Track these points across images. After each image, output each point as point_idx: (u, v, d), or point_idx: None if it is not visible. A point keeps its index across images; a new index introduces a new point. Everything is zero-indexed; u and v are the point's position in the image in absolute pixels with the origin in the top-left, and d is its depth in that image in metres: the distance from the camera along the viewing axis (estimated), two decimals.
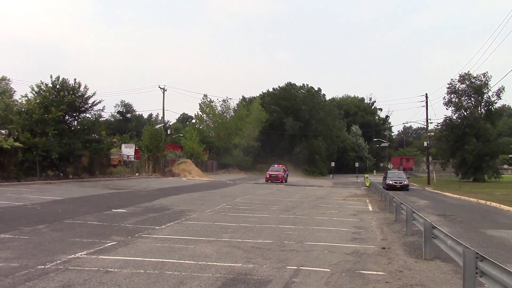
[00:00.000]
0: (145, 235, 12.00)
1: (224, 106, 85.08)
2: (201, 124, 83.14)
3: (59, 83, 34.75)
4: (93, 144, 36.49)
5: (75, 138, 33.93)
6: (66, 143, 32.93)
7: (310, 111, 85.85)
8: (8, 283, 7.00)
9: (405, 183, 40.31)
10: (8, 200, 18.45)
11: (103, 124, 39.68)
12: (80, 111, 36.13)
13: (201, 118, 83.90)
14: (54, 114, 32.18)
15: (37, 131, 31.39)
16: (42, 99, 33.22)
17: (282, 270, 8.59)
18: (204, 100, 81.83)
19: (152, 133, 52.70)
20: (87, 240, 10.88)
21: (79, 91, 35.45)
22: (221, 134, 79.06)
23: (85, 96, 35.82)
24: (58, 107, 32.83)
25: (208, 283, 7.47)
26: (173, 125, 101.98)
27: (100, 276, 7.64)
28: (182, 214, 17.18)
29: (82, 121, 36.51)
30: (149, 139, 51.72)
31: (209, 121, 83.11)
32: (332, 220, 17.00)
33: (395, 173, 44.83)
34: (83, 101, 35.79)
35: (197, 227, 13.87)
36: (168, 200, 22.52)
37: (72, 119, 36.15)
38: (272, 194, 31.08)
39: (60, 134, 33.12)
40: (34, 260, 8.56)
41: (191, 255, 9.65)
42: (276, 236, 12.72)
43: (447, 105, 59.09)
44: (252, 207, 21.27)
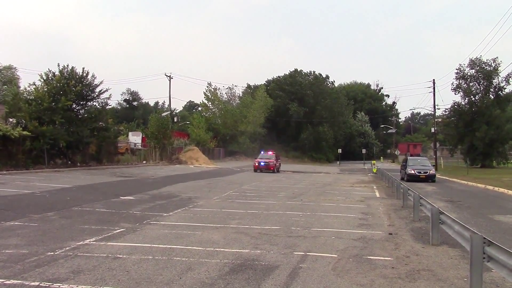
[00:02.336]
0: (153, 222, 12.08)
1: (230, 93, 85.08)
2: (207, 112, 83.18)
3: (67, 71, 34.80)
4: (101, 132, 36.62)
5: (82, 126, 34.06)
6: (73, 131, 33.06)
7: (315, 97, 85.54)
8: (18, 269, 7.07)
9: (431, 173, 33.17)
10: (17, 188, 18.60)
11: (109, 112, 39.77)
12: (88, 99, 36.21)
13: (206, 106, 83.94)
14: (63, 103, 32.27)
15: (45, 119, 31.50)
16: (51, 88, 33.28)
17: (290, 256, 8.64)
18: (208, 88, 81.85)
19: (158, 121, 52.85)
20: (95, 227, 10.97)
21: (87, 80, 35.50)
22: (227, 122, 79.10)
23: (93, 85, 35.91)
24: (66, 96, 32.91)
25: (216, 269, 7.52)
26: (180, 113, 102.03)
27: (109, 262, 7.72)
28: (190, 201, 17.27)
29: (89, 109, 36.61)
30: (155, 126, 51.86)
31: (215, 108, 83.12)
32: (339, 207, 17.03)
33: (417, 160, 35.97)
34: (91, 90, 35.87)
35: (204, 214, 13.94)
36: (176, 188, 22.61)
37: (79, 108, 36.26)
38: (279, 181, 31.14)
39: (67, 122, 33.25)
40: (44, 247, 8.64)
41: (198, 241, 9.71)
42: (283, 222, 12.77)
43: (455, 91, 58.64)
44: (259, 194, 21.34)
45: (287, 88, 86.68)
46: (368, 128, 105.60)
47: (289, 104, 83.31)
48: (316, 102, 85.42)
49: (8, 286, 6.21)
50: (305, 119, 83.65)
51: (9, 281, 6.42)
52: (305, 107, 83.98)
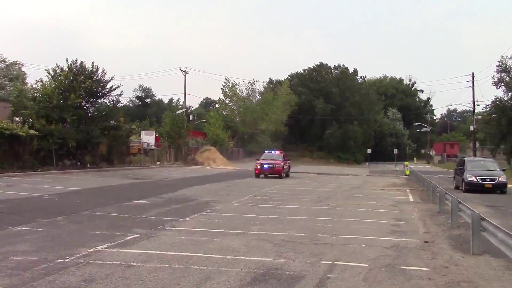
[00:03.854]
0: (169, 228, 12.17)
1: (250, 89, 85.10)
2: (224, 109, 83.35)
3: (75, 67, 35.23)
4: (111, 131, 37.05)
5: (92, 124, 34.49)
6: (83, 130, 33.49)
7: (342, 94, 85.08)
8: (27, 277, 7.19)
9: (500, 181, 26.13)
10: (24, 191, 18.91)
11: (121, 110, 40.21)
12: (98, 96, 36.65)
13: (224, 102, 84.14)
14: (72, 100, 32.64)
15: (54, 117, 31.92)
16: (59, 84, 33.71)
17: (316, 265, 8.61)
18: (226, 83, 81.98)
19: (173, 119, 53.11)
20: (107, 232, 11.09)
21: (97, 75, 35.88)
22: (246, 120, 79.14)
23: (103, 80, 36.28)
24: (75, 92, 33.31)
25: (236, 279, 7.54)
26: (195, 111, 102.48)
27: (122, 270, 7.79)
28: (207, 205, 17.35)
29: (100, 107, 37.03)
30: (170, 125, 52.16)
31: (233, 105, 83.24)
32: (369, 212, 16.93)
33: (479, 162, 29.26)
34: (101, 86, 36.25)
35: (223, 219, 13.98)
36: (192, 191, 22.74)
37: (89, 105, 36.71)
38: (303, 184, 31.09)
39: (77, 121, 33.66)
40: (53, 254, 8.76)
41: (217, 249, 9.75)
42: (309, 228, 12.74)
43: (497, 85, 57.57)
44: (282, 197, 21.34)
45: (312, 85, 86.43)
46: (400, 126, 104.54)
47: (314, 101, 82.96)
48: (343, 99, 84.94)
49: None
50: (331, 116, 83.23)
51: None
52: (331, 104, 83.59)
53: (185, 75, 67.75)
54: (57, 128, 31.24)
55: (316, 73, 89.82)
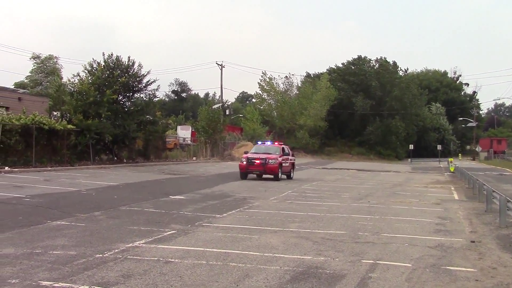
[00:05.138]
0: (206, 224, 12.27)
1: (287, 83, 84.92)
2: (261, 104, 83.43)
3: (112, 61, 35.77)
4: (148, 125, 37.51)
5: (128, 119, 34.98)
6: (119, 125, 34.02)
7: (383, 88, 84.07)
8: (66, 271, 7.36)
9: None
10: (63, 186, 19.37)
11: (157, 104, 40.68)
12: (134, 91, 37.15)
13: (261, 97, 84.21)
14: (108, 95, 33.21)
15: (90, 112, 32.58)
16: (95, 79, 34.33)
17: (357, 264, 8.55)
18: (263, 77, 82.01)
19: (209, 113, 53.41)
20: (145, 228, 11.26)
21: (133, 70, 36.37)
22: (284, 114, 79.02)
23: (139, 75, 36.75)
24: (111, 87, 33.86)
25: (275, 276, 7.55)
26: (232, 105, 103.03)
27: (160, 266, 7.90)
28: (244, 201, 17.42)
29: (136, 101, 37.54)
30: (206, 120, 52.48)
31: (270, 99, 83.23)
32: (412, 210, 16.71)
33: None
34: (137, 80, 36.73)
35: (261, 216, 14.02)
36: (229, 187, 22.87)
37: (125, 100, 37.27)
38: (342, 181, 30.92)
39: (113, 116, 34.23)
40: (92, 248, 8.95)
41: (256, 246, 9.79)
42: (349, 226, 12.67)
43: None
44: (321, 194, 21.26)
45: (351, 79, 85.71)
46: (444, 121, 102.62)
47: (354, 97, 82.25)
48: (384, 93, 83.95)
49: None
50: (372, 111, 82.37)
51: (57, 284, 6.70)
52: (371, 98, 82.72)
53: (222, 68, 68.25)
54: (94, 123, 31.86)
55: (355, 67, 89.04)
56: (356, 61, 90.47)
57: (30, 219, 11.70)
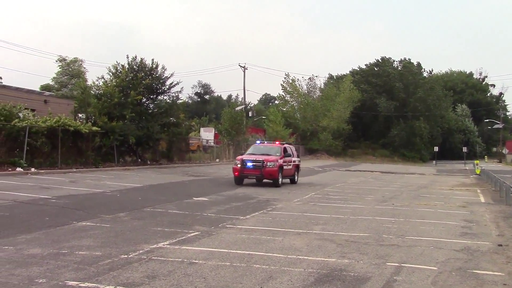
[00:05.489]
0: (229, 226, 12.31)
1: (310, 85, 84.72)
2: (284, 106, 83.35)
3: (135, 63, 36.11)
4: (171, 127, 37.74)
5: (152, 121, 35.24)
6: (143, 126, 34.31)
7: (406, 89, 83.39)
8: (92, 272, 7.46)
9: None
10: (88, 187, 19.61)
11: (181, 106, 40.90)
12: (158, 93, 37.43)
13: (283, 99, 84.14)
14: (132, 97, 33.53)
15: (115, 113, 32.92)
16: (120, 81, 34.69)
17: (382, 267, 8.49)
18: (286, 79, 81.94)
19: (232, 115, 53.52)
20: (169, 229, 11.34)
21: (156, 72, 36.65)
22: (307, 116, 78.82)
23: (163, 77, 37.02)
24: (135, 89, 34.19)
25: (299, 279, 7.54)
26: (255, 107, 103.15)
27: (184, 267, 7.95)
28: (268, 203, 17.42)
29: (159, 103, 37.81)
30: (229, 122, 52.61)
31: (293, 101, 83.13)
32: (437, 212, 16.53)
33: None
34: (161, 82, 37.00)
35: (284, 218, 14.01)
36: (251, 189, 22.87)
37: (149, 102, 37.56)
38: (366, 183, 30.72)
39: (137, 117, 34.54)
40: (117, 249, 9.04)
41: (279, 248, 9.78)
42: (373, 229, 12.58)
43: None
44: (345, 196, 21.17)
45: (374, 80, 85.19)
46: (469, 123, 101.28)
47: (377, 99, 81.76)
48: (407, 94, 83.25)
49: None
50: (396, 113, 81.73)
51: (83, 284, 6.79)
52: (395, 100, 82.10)
53: (244, 70, 68.39)
54: (118, 125, 32.19)
55: (378, 68, 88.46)
56: (380, 63, 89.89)
57: (57, 220, 11.88)
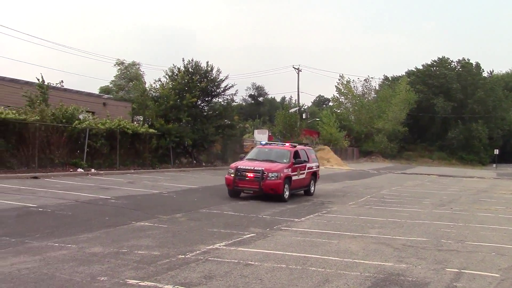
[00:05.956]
0: (284, 228, 12.32)
1: (365, 86, 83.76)
2: (338, 107, 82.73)
3: (191, 66, 36.66)
4: (226, 129, 38.09)
5: (207, 123, 35.71)
6: (198, 128, 34.82)
7: (464, 90, 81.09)
8: (151, 271, 7.63)
9: None
10: (145, 188, 20.04)
11: (235, 108, 41.22)
12: (212, 95, 37.87)
13: (338, 100, 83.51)
14: (187, 100, 34.09)
15: (171, 116, 33.59)
16: (176, 84, 35.32)
17: (441, 273, 8.30)
18: (340, 80, 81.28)
19: (286, 117, 53.61)
20: (224, 230, 11.46)
21: (211, 75, 37.09)
22: (361, 118, 77.98)
23: (217, 80, 37.42)
24: (191, 92, 34.73)
25: (356, 282, 7.47)
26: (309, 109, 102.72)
27: (240, 268, 8.02)
28: (322, 206, 17.34)
29: (214, 106, 38.23)
30: (283, 124, 52.75)
31: (347, 103, 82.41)
32: (498, 218, 16.03)
33: None
34: (215, 85, 37.42)
35: (339, 221, 13.91)
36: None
37: (204, 104, 38.06)
38: (423, 186, 30.09)
39: (192, 120, 35.09)
40: (174, 249, 9.21)
41: (335, 251, 9.71)
42: (431, 233, 12.31)
43: None
44: (401, 200, 20.80)
45: (430, 82, 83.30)
46: None
47: (433, 99, 79.91)
48: (465, 95, 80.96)
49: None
50: (453, 114, 79.63)
51: (143, 283, 6.95)
52: (453, 101, 79.99)
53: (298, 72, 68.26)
54: (175, 127, 32.79)
55: (435, 69, 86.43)
56: (437, 63, 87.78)
57: (116, 220, 12.20)
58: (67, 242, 9.37)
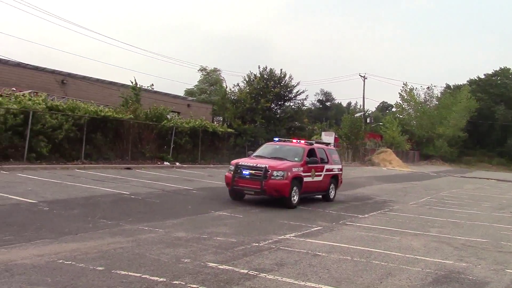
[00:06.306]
0: (349, 223, 12.13)
1: (428, 94, 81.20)
2: (401, 113, 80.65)
3: (266, 73, 36.99)
4: (296, 131, 38.17)
5: (279, 125, 35.94)
6: (271, 130, 35.06)
7: None
8: (228, 256, 7.71)
9: None
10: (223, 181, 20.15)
11: (305, 112, 41.14)
12: (285, 100, 38.02)
13: (401, 106, 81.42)
14: (262, 104, 34.45)
15: (247, 118, 34.03)
16: (252, 89, 35.75)
17: (501, 273, 7.88)
18: (404, 88, 79.22)
19: (351, 121, 52.98)
20: (294, 223, 11.42)
21: (284, 81, 37.27)
22: (423, 123, 75.69)
23: (290, 85, 37.55)
24: (265, 97, 35.07)
25: (417, 278, 7.22)
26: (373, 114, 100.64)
27: (309, 258, 7.95)
28: (385, 204, 16.94)
29: (286, 109, 38.36)
30: (348, 127, 52.16)
31: (409, 109, 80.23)
32: None
33: None
34: (288, 90, 37.57)
35: (401, 219, 13.52)
36: (369, 190, 22.38)
37: (277, 108, 38.27)
38: (482, 189, 28.75)
39: (266, 122, 35.37)
40: (249, 237, 9.27)
41: (397, 247, 9.45)
42: (491, 235, 11.74)
43: None
44: (460, 202, 19.98)
45: (492, 91, 79.61)
46: None
47: (494, 107, 76.32)
48: None
49: (221, 271, 6.80)
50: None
51: (222, 266, 7.04)
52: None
53: (364, 80, 67.11)
54: (250, 127, 33.21)
55: (496, 78, 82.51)
56: (498, 73, 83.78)
57: (197, 208, 12.44)
58: (155, 227, 9.62)
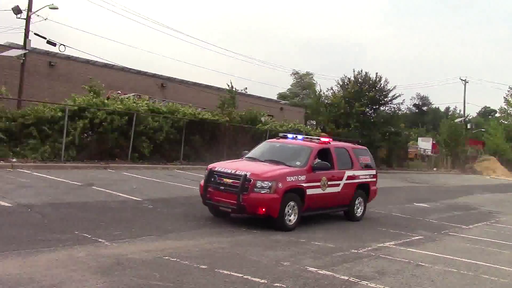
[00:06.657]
0: (452, 233, 11.58)
1: None
2: (506, 119, 75.65)
3: (361, 77, 36.34)
4: (392, 136, 37.15)
5: (374, 130, 35.12)
6: (366, 134, 34.34)
7: None
8: (327, 261, 7.62)
9: None
10: None
11: (401, 117, 39.91)
12: (380, 104, 37.10)
13: (506, 112, 76.39)
14: (356, 108, 33.92)
15: (341, 122, 33.64)
16: (346, 94, 35.31)
17: None
18: (509, 92, 74.12)
19: (450, 127, 50.74)
20: (393, 231, 11.07)
21: (379, 85, 36.40)
22: None
23: (385, 90, 36.61)
24: (360, 101, 34.48)
25: None
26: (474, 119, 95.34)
27: (411, 268, 7.66)
28: (490, 215, 15.98)
29: (381, 113, 37.41)
30: (447, 133, 50.02)
31: None
32: None
33: None
34: (383, 94, 36.64)
35: (510, 232, 12.66)
36: (472, 199, 21.19)
37: (371, 112, 37.44)
38: None
39: (360, 126, 34.75)
40: (346, 244, 9.10)
41: (508, 261, 8.85)
42: None
43: None
44: None
45: None
46: None
47: None
48: None
49: (321, 276, 6.74)
50: None
51: (321, 271, 6.96)
52: None
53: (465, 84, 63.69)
54: (344, 132, 32.74)
55: None
56: None
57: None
58: (252, 228, 9.69)
